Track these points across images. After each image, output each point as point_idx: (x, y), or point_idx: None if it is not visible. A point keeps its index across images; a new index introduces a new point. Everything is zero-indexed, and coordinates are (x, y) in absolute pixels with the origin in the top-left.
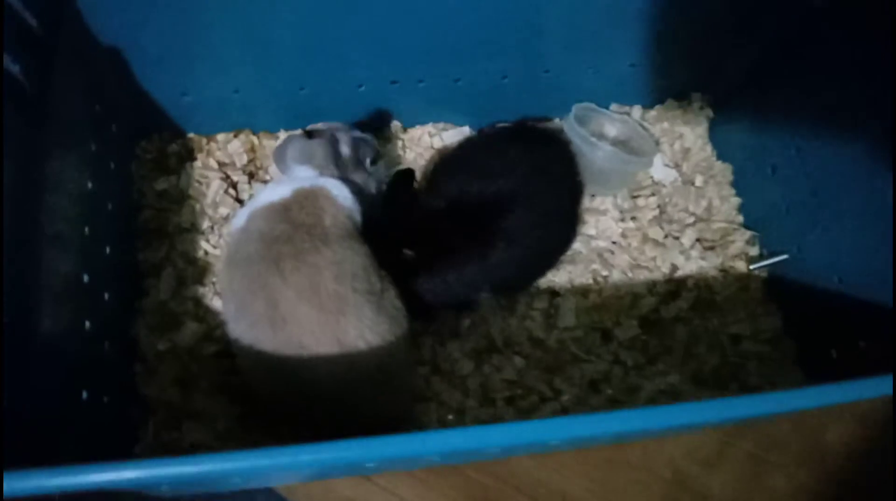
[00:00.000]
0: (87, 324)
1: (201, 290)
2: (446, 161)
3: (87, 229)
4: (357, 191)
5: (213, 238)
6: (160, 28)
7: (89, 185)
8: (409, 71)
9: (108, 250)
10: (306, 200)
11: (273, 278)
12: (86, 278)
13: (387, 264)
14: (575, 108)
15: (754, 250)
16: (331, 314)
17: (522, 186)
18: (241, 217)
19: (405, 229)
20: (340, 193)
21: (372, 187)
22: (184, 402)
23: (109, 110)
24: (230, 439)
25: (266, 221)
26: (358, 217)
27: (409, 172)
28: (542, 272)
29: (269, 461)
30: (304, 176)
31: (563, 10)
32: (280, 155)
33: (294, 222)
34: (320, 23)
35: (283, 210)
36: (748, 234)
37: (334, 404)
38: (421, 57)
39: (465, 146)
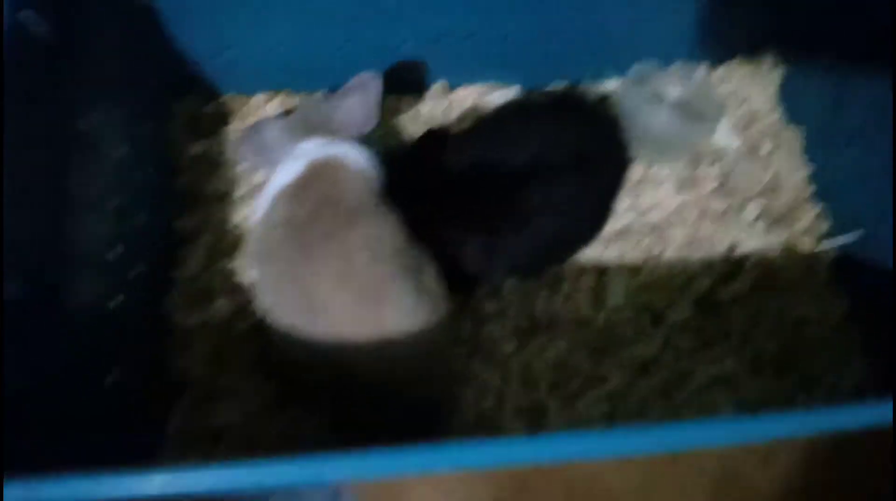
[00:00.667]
0: (121, 298)
1: (234, 263)
2: (484, 126)
3: (121, 197)
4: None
5: (248, 207)
6: None
7: (125, 148)
8: (455, 27)
9: (143, 218)
10: (323, 172)
11: (305, 268)
12: (120, 248)
13: (418, 225)
14: (634, 68)
15: (824, 226)
16: (370, 302)
17: (559, 158)
18: (258, 208)
19: (431, 189)
20: (357, 157)
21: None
22: (216, 379)
23: (146, 65)
24: (265, 417)
25: (285, 205)
26: (380, 182)
27: (441, 133)
28: (561, 256)
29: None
30: (309, 147)
31: None
32: (259, 144)
33: (315, 200)
34: None
35: (300, 189)
36: (818, 208)
37: (373, 387)
38: (467, 11)
39: (505, 110)
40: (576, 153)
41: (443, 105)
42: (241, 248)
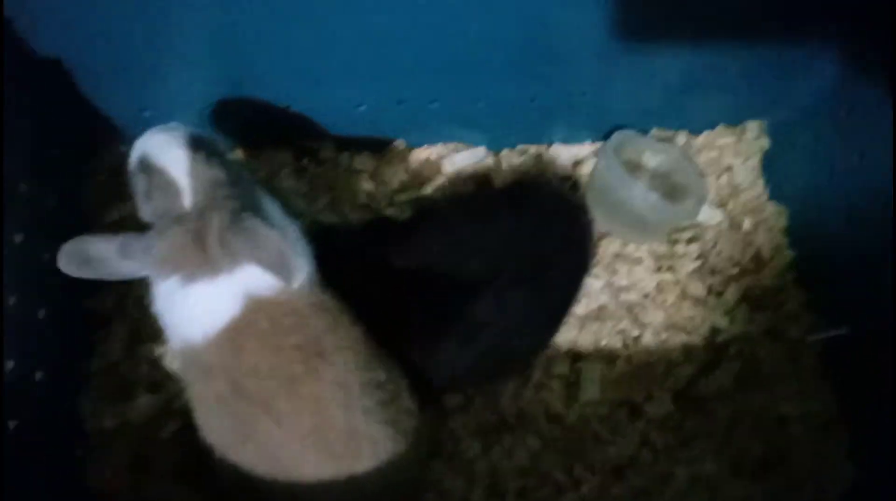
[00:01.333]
0: (12, 425)
1: (159, 349)
2: (435, 224)
3: (12, 299)
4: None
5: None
6: (114, 38)
7: (18, 238)
8: (420, 90)
9: (42, 312)
10: (266, 310)
11: (265, 425)
12: (10, 364)
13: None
14: (614, 137)
15: (810, 316)
16: (343, 461)
17: (514, 265)
18: (176, 341)
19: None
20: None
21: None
22: (137, 492)
23: (53, 132)
24: None
25: (227, 352)
26: (315, 277)
27: (386, 226)
28: (507, 369)
29: None
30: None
31: (601, 25)
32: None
33: (267, 337)
34: (311, 30)
35: (239, 333)
36: (804, 295)
37: None
38: (434, 76)
39: (461, 207)
40: (532, 259)
41: (401, 167)
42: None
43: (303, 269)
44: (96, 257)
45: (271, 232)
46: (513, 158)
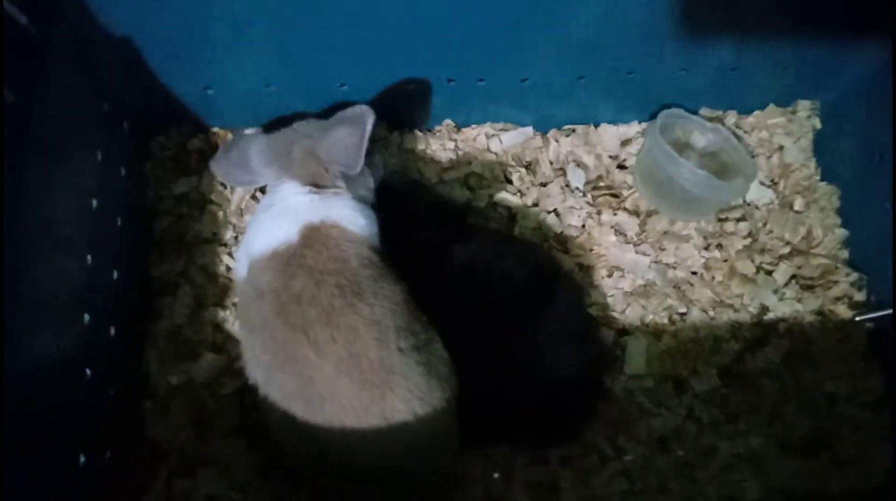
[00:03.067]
0: (88, 372)
1: (222, 313)
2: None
3: (89, 257)
4: (366, 201)
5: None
6: (177, 17)
7: (94, 203)
8: (469, 69)
9: (115, 274)
10: (320, 241)
11: (303, 351)
12: (86, 317)
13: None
14: (661, 116)
15: (860, 296)
16: (376, 389)
17: None
18: (240, 264)
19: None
20: (356, 221)
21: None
22: (198, 446)
23: (120, 108)
24: (250, 490)
25: (276, 274)
26: (377, 239)
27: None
28: None
29: None
30: (299, 202)
31: (650, 4)
32: (239, 159)
33: (314, 273)
34: (368, 9)
35: (294, 259)
36: (854, 275)
37: (374, 474)
38: (483, 54)
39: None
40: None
41: (450, 146)
42: (229, 296)
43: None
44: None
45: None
46: (560, 138)
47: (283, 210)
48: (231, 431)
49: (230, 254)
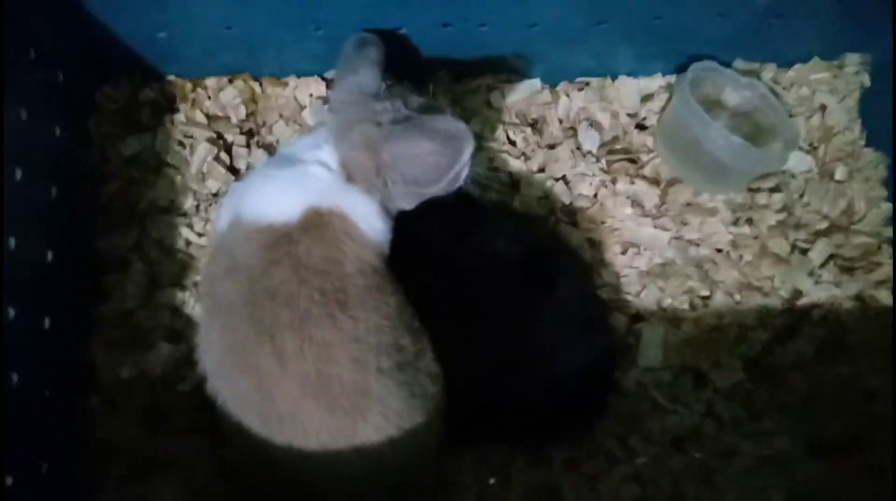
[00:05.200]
0: (15, 377)
1: (180, 295)
2: None
3: (12, 240)
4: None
5: (199, 223)
6: None
7: (17, 173)
8: (468, 11)
9: (49, 255)
10: (321, 231)
11: (266, 359)
12: (11, 312)
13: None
14: (692, 69)
15: None
16: (347, 417)
17: None
18: (223, 216)
19: None
20: (371, 221)
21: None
22: (152, 447)
23: (52, 55)
24: (208, 496)
25: (259, 250)
26: (387, 248)
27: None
28: None
29: None
30: (320, 177)
31: None
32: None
33: (300, 267)
34: None
35: (284, 240)
36: None
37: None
38: None
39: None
40: None
41: (447, 97)
42: (189, 275)
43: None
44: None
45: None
46: (571, 92)
47: (299, 178)
48: (189, 429)
49: (190, 226)
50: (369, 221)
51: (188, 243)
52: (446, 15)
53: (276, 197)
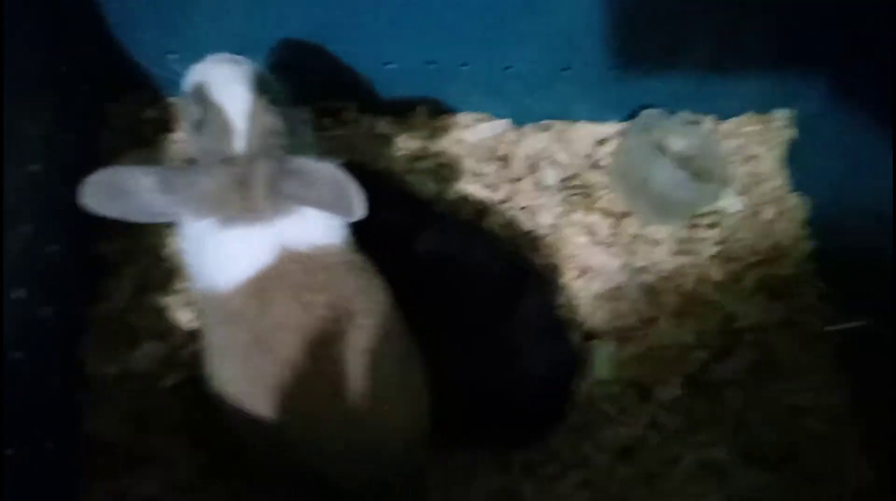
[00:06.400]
0: (17, 355)
1: (166, 299)
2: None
3: (27, 228)
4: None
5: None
6: None
7: (37, 166)
8: (452, 51)
9: (56, 247)
10: (304, 268)
11: (287, 381)
12: (22, 292)
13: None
14: (643, 115)
15: (827, 308)
16: (357, 416)
17: None
18: (201, 285)
19: None
20: (335, 239)
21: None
22: (138, 442)
23: (73, 61)
24: (191, 490)
25: (254, 303)
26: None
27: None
28: None
29: None
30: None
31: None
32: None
33: (301, 302)
34: None
35: (275, 287)
36: (821, 286)
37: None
38: (468, 36)
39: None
40: None
41: (422, 134)
42: (175, 281)
43: (363, 203)
44: (130, 189)
45: (323, 165)
46: (535, 133)
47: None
48: (173, 427)
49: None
50: (332, 240)
51: (177, 251)
52: (433, 54)
53: (245, 257)
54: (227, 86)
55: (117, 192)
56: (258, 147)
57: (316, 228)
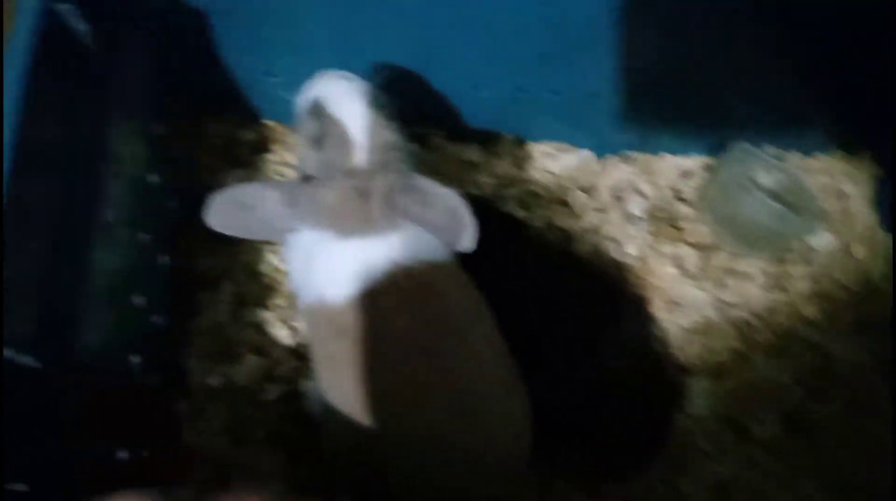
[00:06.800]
0: (134, 360)
1: (264, 314)
2: None
3: (149, 232)
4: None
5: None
6: None
7: (151, 176)
8: (544, 78)
9: (167, 258)
10: (415, 281)
11: (403, 391)
12: (139, 300)
13: None
14: (736, 147)
15: None
16: (470, 424)
17: None
18: (310, 298)
19: None
20: (444, 255)
21: None
22: (234, 454)
23: (179, 84)
24: None
25: (366, 315)
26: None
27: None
28: None
29: None
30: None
31: (727, 41)
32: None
33: (412, 314)
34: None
35: (387, 300)
36: None
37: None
38: (561, 64)
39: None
40: None
41: (507, 161)
42: (273, 297)
43: (474, 236)
44: (255, 204)
45: (445, 190)
46: (618, 164)
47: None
48: (270, 440)
49: (274, 252)
50: (442, 255)
51: (274, 268)
52: (522, 79)
53: (358, 269)
54: (346, 101)
55: (242, 208)
56: (378, 161)
57: (428, 243)
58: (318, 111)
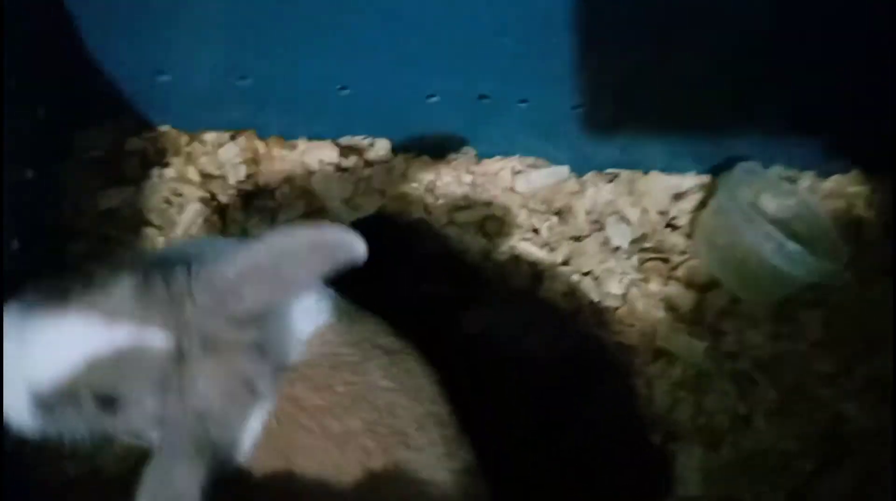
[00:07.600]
0: None
1: None
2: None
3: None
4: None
5: None
6: None
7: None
8: (509, 84)
9: None
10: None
11: None
12: None
13: None
14: (738, 168)
15: None
16: None
17: None
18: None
19: None
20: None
21: None
22: None
23: (36, 88)
24: None
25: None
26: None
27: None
28: None
29: None
30: None
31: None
32: None
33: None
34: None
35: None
36: None
37: None
38: (532, 66)
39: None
40: None
41: (465, 179)
42: None
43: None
44: None
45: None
46: (600, 183)
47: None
48: None
49: None
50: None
51: None
52: (486, 86)
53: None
54: None
55: None
56: None
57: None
58: None
